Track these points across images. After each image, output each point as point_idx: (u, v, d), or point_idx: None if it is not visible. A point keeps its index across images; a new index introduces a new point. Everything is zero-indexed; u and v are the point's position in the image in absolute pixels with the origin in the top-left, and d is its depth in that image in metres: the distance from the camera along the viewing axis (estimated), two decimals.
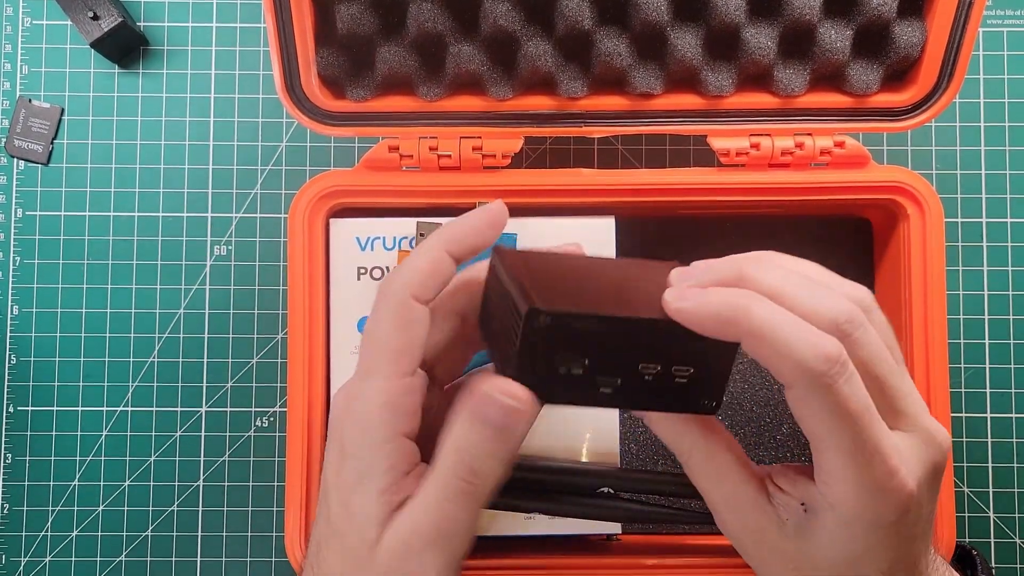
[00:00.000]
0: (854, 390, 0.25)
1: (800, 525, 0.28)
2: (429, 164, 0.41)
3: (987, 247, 0.50)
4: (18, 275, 0.50)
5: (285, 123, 0.50)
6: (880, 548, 0.27)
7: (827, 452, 0.26)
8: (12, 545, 0.49)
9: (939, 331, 0.41)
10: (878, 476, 0.26)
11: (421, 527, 0.28)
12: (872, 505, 0.26)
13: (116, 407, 0.49)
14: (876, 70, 0.41)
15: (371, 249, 0.41)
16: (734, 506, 0.29)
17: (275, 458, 0.49)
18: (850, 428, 0.25)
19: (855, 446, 0.25)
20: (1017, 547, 0.49)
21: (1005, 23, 0.51)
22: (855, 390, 0.25)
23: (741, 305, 0.26)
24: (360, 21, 0.39)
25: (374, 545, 0.29)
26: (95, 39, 0.48)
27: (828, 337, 0.25)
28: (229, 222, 0.50)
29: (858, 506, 0.26)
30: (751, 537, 0.29)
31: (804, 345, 0.25)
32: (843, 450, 0.26)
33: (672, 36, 0.40)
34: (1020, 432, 0.49)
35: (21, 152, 0.50)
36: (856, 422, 0.25)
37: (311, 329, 0.40)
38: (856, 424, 0.25)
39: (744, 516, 0.29)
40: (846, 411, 0.25)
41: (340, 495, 0.30)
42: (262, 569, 0.49)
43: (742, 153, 0.41)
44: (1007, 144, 0.50)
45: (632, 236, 0.42)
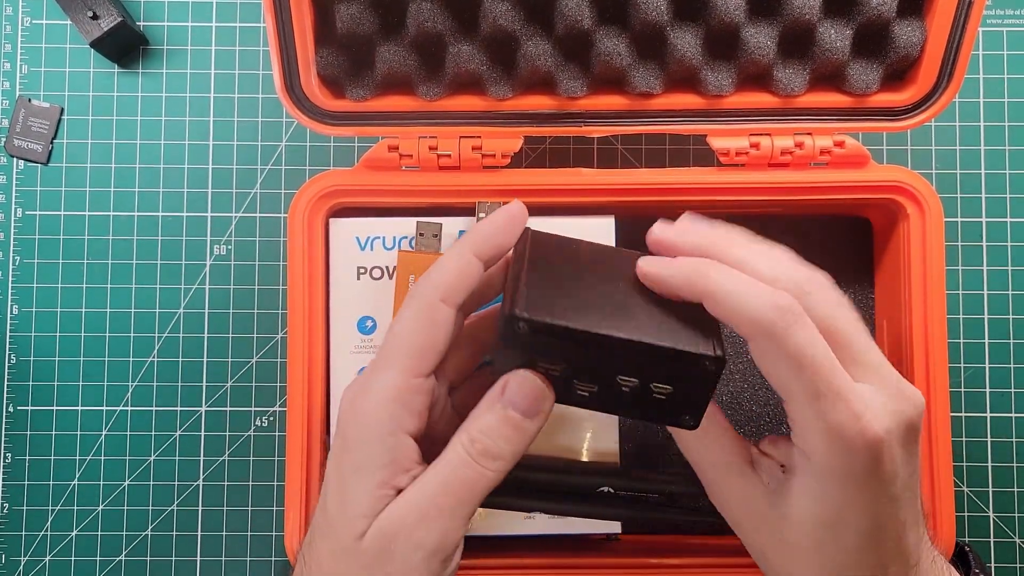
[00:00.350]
0: (810, 337, 0.27)
1: (780, 488, 0.29)
2: (429, 164, 0.41)
3: (987, 247, 0.50)
4: (18, 275, 0.50)
5: (285, 122, 0.50)
6: (856, 505, 0.27)
7: (793, 401, 0.27)
8: (12, 544, 0.49)
9: (939, 330, 0.41)
10: (843, 419, 0.26)
11: (409, 517, 0.28)
12: (841, 452, 0.27)
13: (116, 406, 0.49)
14: (876, 70, 0.41)
15: (371, 249, 0.41)
16: (722, 473, 0.30)
17: (275, 457, 0.49)
18: (809, 373, 0.26)
19: (817, 390, 0.26)
20: (1017, 546, 0.49)
21: (1005, 23, 0.51)
22: (811, 337, 0.27)
23: (701, 270, 0.28)
24: (360, 21, 0.39)
25: (360, 537, 0.29)
26: (95, 39, 0.48)
27: (780, 291, 0.27)
28: (229, 222, 0.50)
29: (828, 455, 0.27)
30: (738, 505, 0.30)
31: (756, 298, 0.27)
32: (807, 395, 0.27)
33: (672, 36, 0.40)
34: (1020, 432, 0.49)
35: (21, 152, 0.50)
36: (815, 367, 0.26)
37: (311, 329, 0.40)
38: (815, 369, 0.26)
39: (730, 483, 0.30)
40: (804, 356, 0.26)
41: (337, 486, 0.30)
42: (262, 569, 0.49)
43: (742, 153, 0.41)
44: (1007, 144, 0.50)
45: (632, 236, 0.42)
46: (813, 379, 0.26)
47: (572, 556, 0.41)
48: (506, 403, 0.29)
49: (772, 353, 0.27)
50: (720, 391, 0.46)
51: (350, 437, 0.30)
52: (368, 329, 0.41)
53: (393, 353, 0.30)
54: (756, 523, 0.29)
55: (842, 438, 0.27)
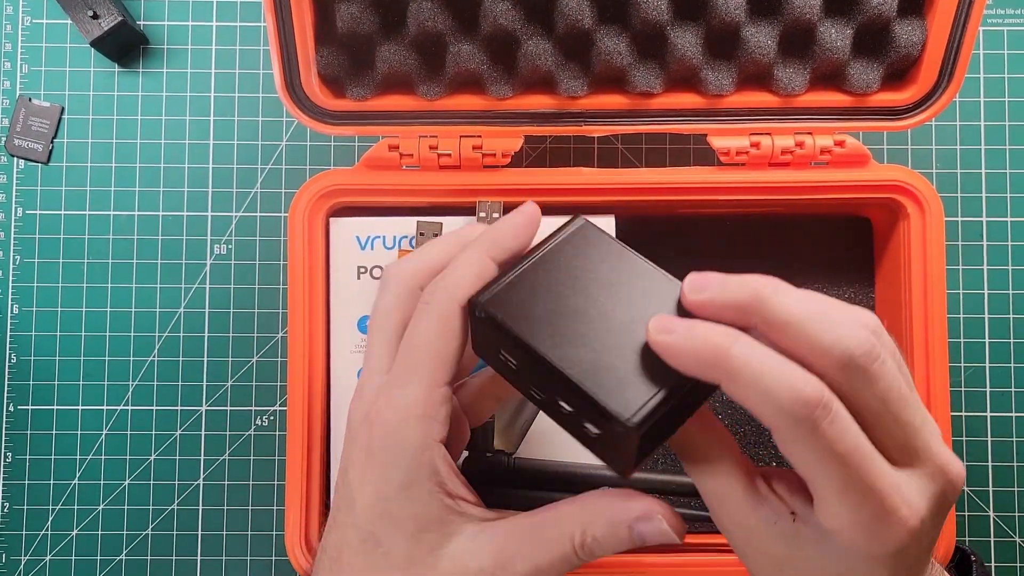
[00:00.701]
0: (840, 432, 0.24)
1: (788, 532, 0.27)
2: (429, 163, 0.41)
3: (987, 246, 0.50)
4: (18, 274, 0.50)
5: (285, 122, 0.50)
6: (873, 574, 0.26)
7: (818, 490, 0.25)
8: (12, 544, 0.49)
9: (939, 330, 0.41)
10: (874, 515, 0.25)
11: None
12: (868, 541, 0.25)
13: (116, 406, 0.49)
14: (876, 69, 0.41)
15: (371, 248, 0.41)
16: (725, 501, 0.28)
17: (275, 457, 0.49)
18: (839, 469, 0.24)
19: (846, 486, 0.25)
20: (1017, 546, 0.49)
21: (1005, 22, 0.51)
22: (841, 431, 0.24)
23: (723, 345, 0.25)
24: (360, 20, 0.39)
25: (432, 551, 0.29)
26: (95, 38, 0.48)
27: (809, 378, 0.24)
28: (229, 221, 0.50)
29: (853, 539, 0.25)
30: (740, 533, 0.28)
31: (783, 389, 0.24)
32: (833, 490, 0.25)
33: (672, 35, 0.40)
34: (1020, 431, 0.49)
35: (21, 151, 0.50)
36: (845, 463, 0.24)
37: (311, 328, 0.40)
38: (845, 465, 0.24)
39: (734, 512, 0.28)
40: (833, 453, 0.24)
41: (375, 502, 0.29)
42: (262, 568, 0.49)
43: (742, 152, 0.41)
44: (1007, 143, 0.50)
45: (632, 235, 0.42)
46: (842, 475, 0.24)
47: None
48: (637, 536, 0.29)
49: (797, 446, 0.25)
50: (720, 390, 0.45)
51: (376, 451, 0.29)
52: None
53: (415, 365, 0.29)
54: (758, 556, 0.28)
55: (872, 530, 0.25)
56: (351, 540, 0.30)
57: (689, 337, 0.26)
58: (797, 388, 0.24)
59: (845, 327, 0.25)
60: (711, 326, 0.26)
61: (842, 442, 0.24)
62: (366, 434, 0.30)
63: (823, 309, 0.26)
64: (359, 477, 0.30)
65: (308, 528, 0.40)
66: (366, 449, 0.30)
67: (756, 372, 0.24)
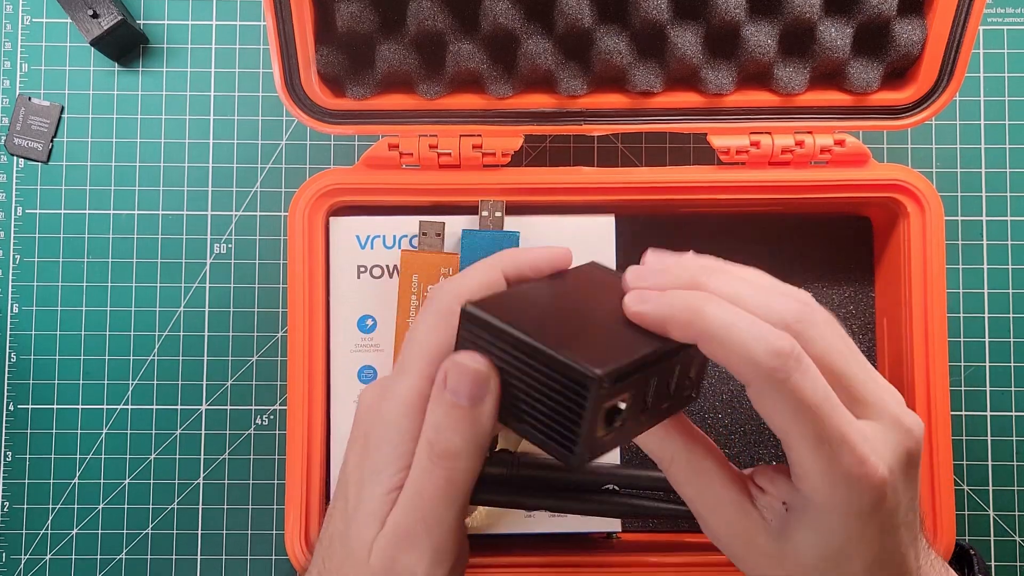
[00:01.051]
0: (810, 381, 0.26)
1: (783, 525, 0.28)
2: (429, 162, 0.41)
3: (987, 245, 0.50)
4: (18, 273, 0.50)
5: (285, 121, 0.50)
6: (861, 539, 0.27)
7: (794, 446, 0.26)
8: (12, 543, 0.49)
9: (939, 329, 0.41)
10: (847, 464, 0.26)
11: (402, 524, 0.28)
12: (846, 495, 0.26)
13: (116, 405, 0.49)
14: (876, 68, 0.41)
15: (371, 247, 0.41)
16: (718, 511, 0.29)
17: (275, 456, 0.49)
18: (811, 419, 0.25)
19: (820, 436, 0.26)
20: (1017, 545, 0.49)
21: (1006, 21, 0.51)
22: (811, 381, 0.26)
23: (697, 307, 0.26)
24: (360, 19, 0.39)
25: (369, 544, 0.29)
26: (95, 37, 0.48)
27: (780, 333, 0.26)
28: (229, 220, 0.50)
29: (832, 497, 0.26)
30: (737, 540, 0.29)
31: (756, 342, 0.25)
32: (808, 441, 0.26)
33: (672, 34, 0.40)
34: (1020, 430, 0.49)
35: (21, 150, 0.50)
36: (816, 413, 0.25)
37: (311, 327, 0.40)
38: (817, 415, 0.25)
39: (728, 520, 0.29)
40: (805, 403, 0.25)
41: (356, 490, 0.30)
42: (262, 567, 0.49)
43: (742, 151, 0.41)
44: (1007, 142, 0.50)
45: (632, 234, 0.42)
46: (815, 426, 0.26)
47: (572, 555, 0.41)
48: (450, 392, 0.28)
49: (771, 399, 0.26)
50: (720, 389, 0.45)
51: (371, 440, 0.30)
52: (368, 328, 0.41)
53: (411, 358, 0.30)
54: (757, 557, 0.29)
55: (847, 482, 0.26)
56: (341, 528, 0.30)
57: (664, 303, 0.27)
58: (767, 339, 0.25)
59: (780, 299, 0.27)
60: (682, 292, 0.27)
61: (813, 392, 0.25)
62: (366, 423, 0.30)
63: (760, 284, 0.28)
64: (356, 465, 0.30)
65: (308, 527, 0.40)
66: (364, 437, 0.30)
67: (727, 328, 0.26)
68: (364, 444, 0.30)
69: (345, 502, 0.30)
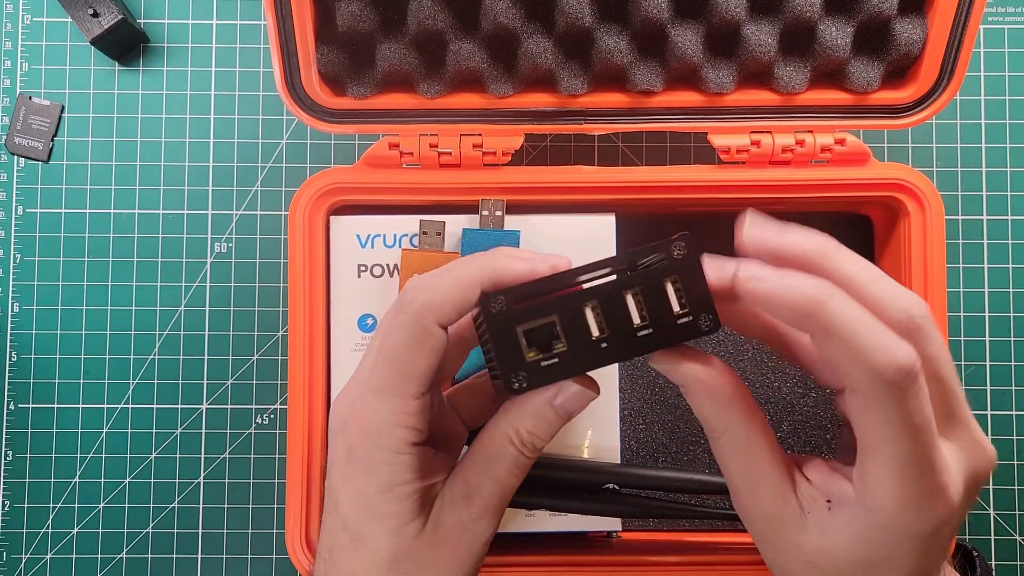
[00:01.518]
0: (921, 404, 0.24)
1: (822, 520, 0.27)
2: (429, 161, 0.41)
3: (987, 244, 0.50)
4: (19, 272, 0.50)
5: (285, 120, 0.50)
6: (907, 557, 0.26)
7: (878, 460, 0.25)
8: (13, 542, 0.49)
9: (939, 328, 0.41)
10: (926, 491, 0.25)
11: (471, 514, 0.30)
12: (913, 517, 0.25)
13: (117, 404, 0.49)
14: (877, 67, 0.41)
15: (371, 247, 0.41)
16: (758, 489, 0.28)
17: (275, 455, 0.49)
18: (909, 441, 0.24)
19: (910, 460, 0.24)
20: (1017, 544, 0.49)
21: (1006, 20, 0.51)
22: (922, 404, 0.24)
23: (818, 298, 0.24)
24: (360, 18, 0.39)
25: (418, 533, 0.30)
26: (95, 36, 0.48)
27: (904, 345, 0.24)
28: (229, 219, 0.50)
29: (898, 516, 0.25)
30: (768, 524, 0.28)
31: (880, 351, 0.24)
32: (896, 461, 0.25)
33: (673, 33, 0.40)
34: (1020, 429, 0.49)
35: (21, 149, 0.50)
36: (917, 436, 0.24)
37: (311, 326, 0.40)
38: (917, 439, 0.24)
39: (764, 502, 0.28)
40: (910, 424, 0.24)
41: (359, 503, 0.30)
42: (263, 566, 0.49)
43: (743, 150, 0.41)
44: (1008, 141, 0.50)
45: (632, 233, 0.42)
46: (910, 448, 0.24)
47: (572, 554, 0.41)
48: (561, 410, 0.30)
49: (876, 411, 0.24)
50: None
51: (358, 454, 0.30)
52: (369, 327, 0.41)
53: (391, 377, 0.30)
54: (784, 545, 0.28)
55: (919, 506, 0.25)
56: (341, 540, 0.31)
57: (782, 286, 0.25)
58: (892, 351, 0.24)
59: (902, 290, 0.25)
60: (804, 276, 0.25)
61: (921, 414, 0.24)
62: (345, 440, 0.31)
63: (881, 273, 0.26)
64: (341, 480, 0.31)
65: (308, 526, 0.40)
66: (346, 454, 0.31)
67: (852, 330, 0.24)
68: (347, 462, 0.30)
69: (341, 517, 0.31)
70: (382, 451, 0.30)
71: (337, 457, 0.31)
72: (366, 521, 0.30)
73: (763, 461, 0.28)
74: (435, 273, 0.31)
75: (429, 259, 0.40)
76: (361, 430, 0.30)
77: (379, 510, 0.30)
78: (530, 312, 0.28)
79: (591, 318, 0.28)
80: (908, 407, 0.24)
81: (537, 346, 0.28)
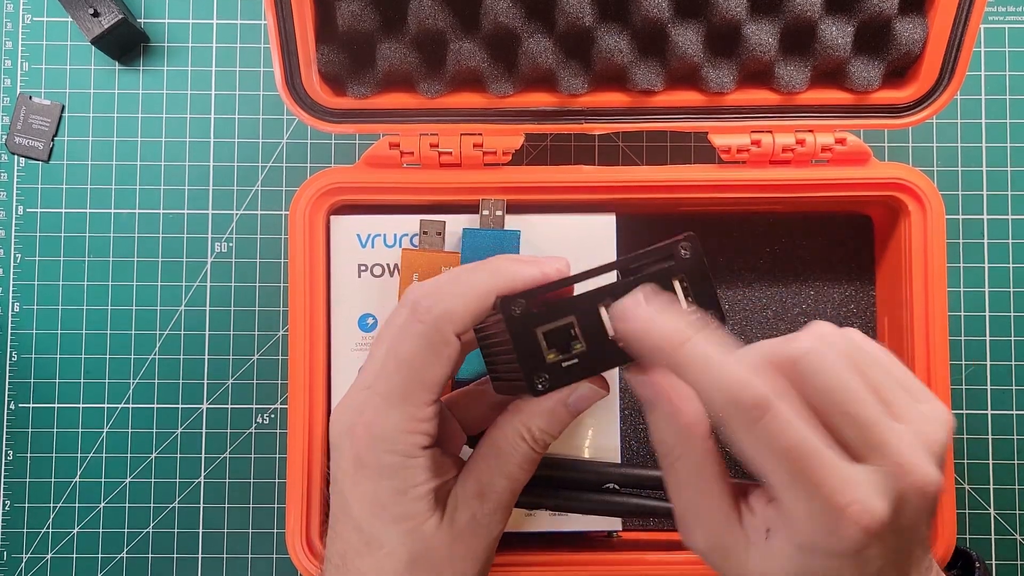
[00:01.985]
0: (781, 428, 0.25)
1: (761, 548, 0.28)
2: (430, 161, 0.41)
3: (988, 244, 0.50)
4: (19, 272, 0.50)
5: (286, 120, 0.50)
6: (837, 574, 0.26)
7: (771, 483, 0.26)
8: (13, 542, 0.49)
9: (940, 328, 0.41)
10: (825, 509, 0.25)
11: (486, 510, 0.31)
12: (825, 536, 0.25)
13: (117, 404, 0.49)
14: (877, 67, 0.41)
15: (372, 246, 0.41)
16: (706, 520, 0.29)
17: (276, 455, 0.49)
18: (782, 463, 0.25)
19: (793, 479, 0.25)
20: (1017, 544, 0.49)
21: (1007, 19, 0.51)
22: (782, 427, 0.25)
23: (674, 341, 0.27)
24: (361, 18, 0.39)
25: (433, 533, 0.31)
26: (95, 36, 0.48)
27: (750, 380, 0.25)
28: (230, 219, 0.50)
29: (812, 536, 0.26)
30: (717, 553, 0.29)
31: (719, 389, 0.26)
32: (783, 482, 0.26)
33: (673, 33, 0.40)
34: (1021, 429, 0.49)
35: (22, 149, 0.50)
36: (787, 457, 0.25)
37: (312, 326, 0.40)
38: (788, 459, 0.25)
39: (714, 532, 0.29)
40: (774, 447, 0.25)
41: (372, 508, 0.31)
42: (263, 566, 0.49)
43: (743, 150, 0.41)
44: (1008, 141, 0.50)
45: (633, 233, 0.42)
46: (787, 469, 0.25)
47: (572, 554, 0.41)
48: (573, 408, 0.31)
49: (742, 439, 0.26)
50: None
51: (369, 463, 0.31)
52: (369, 327, 0.41)
53: (405, 385, 0.30)
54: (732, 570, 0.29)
55: (825, 524, 0.25)
56: (355, 544, 0.31)
57: (643, 329, 0.27)
58: (733, 391, 0.25)
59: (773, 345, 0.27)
60: (669, 319, 0.27)
61: (783, 437, 0.25)
62: (353, 446, 0.31)
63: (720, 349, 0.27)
64: (352, 486, 0.31)
65: (309, 526, 0.40)
66: (356, 460, 0.31)
67: (699, 370, 0.26)
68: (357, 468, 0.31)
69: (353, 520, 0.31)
70: (394, 456, 0.30)
71: (344, 464, 0.31)
72: (381, 524, 0.30)
73: (714, 491, 0.29)
74: (445, 281, 0.31)
75: (429, 259, 0.40)
76: (371, 436, 0.30)
77: (394, 512, 0.30)
78: (548, 314, 0.28)
79: (606, 317, 0.28)
80: (766, 433, 0.25)
81: (556, 347, 0.28)
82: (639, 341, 0.28)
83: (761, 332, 0.45)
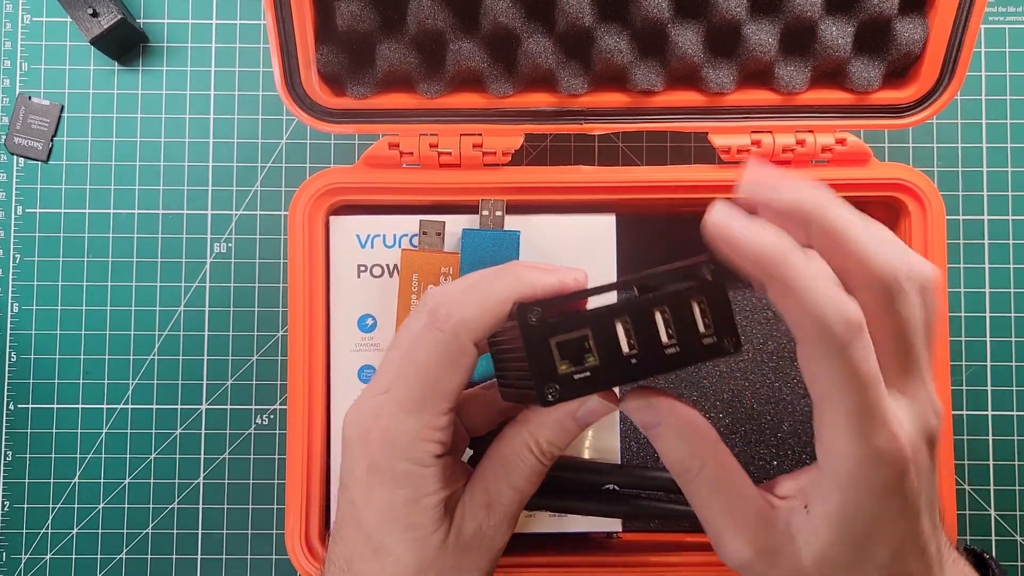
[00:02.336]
0: (866, 356, 0.25)
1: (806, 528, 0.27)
2: (429, 161, 0.41)
3: (988, 244, 0.50)
4: (18, 272, 0.50)
5: (285, 120, 0.50)
6: (884, 519, 0.26)
7: (830, 412, 0.26)
8: (13, 543, 0.49)
9: (940, 328, 0.41)
10: (877, 439, 0.26)
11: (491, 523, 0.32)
12: (871, 469, 0.26)
13: (116, 404, 0.49)
14: (878, 67, 0.41)
15: (371, 247, 0.41)
16: (745, 526, 0.28)
17: (275, 456, 0.49)
18: (856, 393, 0.25)
19: (859, 410, 0.25)
20: (1018, 545, 0.49)
21: (1007, 19, 0.51)
22: (867, 356, 0.25)
23: (781, 251, 0.25)
24: (360, 18, 0.39)
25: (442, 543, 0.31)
26: (95, 36, 0.48)
27: (852, 301, 0.25)
28: (229, 219, 0.50)
29: (856, 470, 0.26)
30: (766, 557, 0.28)
31: (829, 304, 0.25)
32: (846, 412, 0.26)
33: (673, 33, 0.40)
34: (1021, 430, 0.49)
35: (21, 149, 0.50)
36: (863, 388, 0.25)
37: (311, 327, 0.40)
38: (863, 390, 0.25)
39: (757, 536, 0.28)
40: (856, 376, 0.25)
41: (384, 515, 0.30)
42: (262, 567, 0.49)
43: (743, 150, 0.41)
44: (1008, 141, 0.50)
45: (632, 233, 0.42)
46: (856, 399, 0.25)
47: (572, 555, 0.41)
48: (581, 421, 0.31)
49: (823, 363, 0.25)
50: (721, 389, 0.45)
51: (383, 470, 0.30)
52: (368, 327, 0.41)
53: (423, 393, 0.30)
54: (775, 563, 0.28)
55: (873, 456, 0.26)
56: (362, 551, 0.31)
57: (747, 233, 0.26)
58: (841, 306, 0.25)
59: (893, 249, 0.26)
60: (770, 228, 0.26)
61: (866, 365, 0.25)
62: (366, 452, 0.31)
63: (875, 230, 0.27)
64: (364, 492, 0.31)
65: (308, 527, 0.39)
66: (369, 466, 0.31)
67: (807, 284, 0.25)
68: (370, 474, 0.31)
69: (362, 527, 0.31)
70: (408, 464, 0.30)
71: (357, 469, 0.31)
72: (391, 532, 0.30)
73: (745, 493, 0.28)
74: (464, 287, 0.31)
75: (429, 259, 0.40)
76: (387, 442, 0.30)
77: (405, 521, 0.30)
78: (564, 325, 0.28)
79: (622, 333, 0.28)
80: (852, 360, 0.25)
81: (569, 359, 0.28)
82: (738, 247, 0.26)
83: (761, 332, 0.45)
